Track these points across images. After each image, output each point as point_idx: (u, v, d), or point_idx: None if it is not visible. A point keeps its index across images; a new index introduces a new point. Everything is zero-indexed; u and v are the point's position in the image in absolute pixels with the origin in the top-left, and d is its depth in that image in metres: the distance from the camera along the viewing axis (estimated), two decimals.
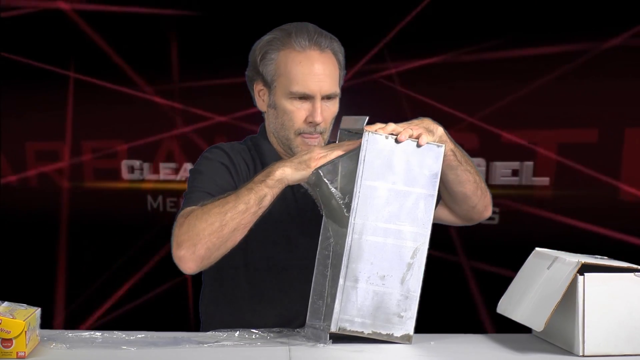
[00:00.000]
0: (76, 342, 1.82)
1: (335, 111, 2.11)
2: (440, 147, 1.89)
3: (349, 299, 1.84)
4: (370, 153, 1.85)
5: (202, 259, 1.91)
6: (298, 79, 2.06)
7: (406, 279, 1.86)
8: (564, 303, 1.76)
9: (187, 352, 1.79)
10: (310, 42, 2.06)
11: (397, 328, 1.86)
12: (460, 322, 3.68)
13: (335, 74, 2.09)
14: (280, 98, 2.09)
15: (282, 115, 2.10)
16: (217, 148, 2.16)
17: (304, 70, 2.05)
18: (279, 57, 2.08)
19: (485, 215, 2.18)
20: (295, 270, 2.10)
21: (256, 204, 1.91)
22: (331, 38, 2.10)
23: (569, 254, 1.91)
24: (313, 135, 2.08)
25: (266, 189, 1.91)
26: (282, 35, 2.09)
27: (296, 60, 2.06)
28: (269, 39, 2.10)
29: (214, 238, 1.90)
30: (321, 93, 2.06)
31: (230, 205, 1.90)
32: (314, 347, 1.83)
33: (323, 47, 2.07)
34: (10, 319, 1.67)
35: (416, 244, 1.86)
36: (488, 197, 2.16)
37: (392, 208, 1.85)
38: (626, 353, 1.76)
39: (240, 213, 1.90)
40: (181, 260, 1.91)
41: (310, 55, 2.06)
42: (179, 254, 1.91)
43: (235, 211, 1.90)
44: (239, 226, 1.91)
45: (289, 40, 2.07)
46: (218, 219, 1.90)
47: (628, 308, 1.77)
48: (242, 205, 1.90)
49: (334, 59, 2.09)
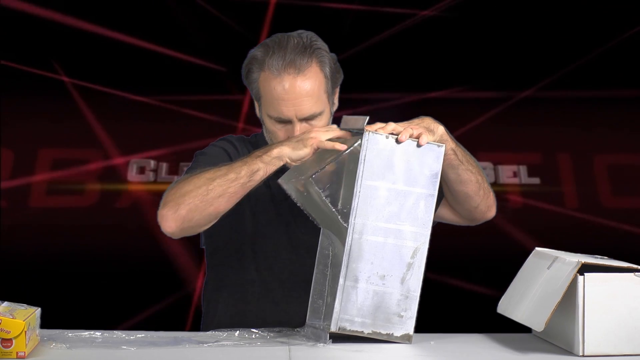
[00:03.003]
0: (76, 342, 1.82)
1: (323, 124, 2.06)
2: (440, 147, 1.89)
3: (349, 299, 1.84)
4: (371, 153, 1.85)
5: (183, 220, 1.93)
6: (274, 105, 2.04)
7: (406, 278, 1.86)
8: (564, 303, 1.76)
9: (187, 351, 1.78)
10: (284, 63, 2.01)
11: (397, 328, 1.86)
12: (460, 322, 3.67)
13: (317, 92, 2.04)
14: (264, 116, 2.09)
15: (267, 133, 2.12)
16: (224, 139, 2.18)
17: (278, 95, 2.03)
18: (260, 79, 2.06)
19: (489, 215, 2.16)
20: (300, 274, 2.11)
21: (247, 176, 1.92)
22: (314, 50, 2.05)
23: (569, 253, 1.91)
24: None
25: (261, 164, 1.92)
26: (261, 55, 2.05)
27: (271, 85, 2.03)
28: (251, 58, 2.08)
29: (197, 200, 1.92)
30: (298, 117, 2.03)
31: (221, 173, 1.94)
32: (314, 347, 1.83)
33: (300, 66, 2.02)
34: (10, 319, 1.67)
35: (416, 243, 1.86)
36: (492, 198, 2.14)
37: (393, 208, 1.85)
38: (626, 353, 1.76)
39: (228, 181, 1.93)
40: (163, 219, 1.95)
41: (284, 79, 2.02)
42: (162, 213, 1.95)
43: (224, 178, 1.93)
44: (225, 193, 1.92)
45: (265, 61, 2.04)
46: (205, 183, 1.93)
47: (628, 308, 1.76)
48: (232, 174, 1.93)
49: (316, 74, 2.04)
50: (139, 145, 4.13)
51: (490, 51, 4.03)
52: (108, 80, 4.09)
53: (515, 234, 3.92)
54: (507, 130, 4.06)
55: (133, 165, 4.16)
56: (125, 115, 4.10)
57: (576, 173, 4.05)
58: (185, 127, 4.08)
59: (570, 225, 4.00)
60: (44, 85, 4.09)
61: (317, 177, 1.87)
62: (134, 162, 4.15)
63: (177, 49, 4.08)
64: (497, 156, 4.08)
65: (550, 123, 4.06)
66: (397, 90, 4.04)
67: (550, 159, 4.07)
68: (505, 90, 4.06)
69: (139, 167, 4.16)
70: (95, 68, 4.10)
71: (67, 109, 4.09)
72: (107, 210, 4.15)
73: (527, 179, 4.04)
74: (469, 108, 4.04)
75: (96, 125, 4.11)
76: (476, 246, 3.89)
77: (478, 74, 4.04)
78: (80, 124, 4.08)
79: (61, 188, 4.15)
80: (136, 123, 4.10)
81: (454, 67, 4.04)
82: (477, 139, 3.95)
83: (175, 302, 4.09)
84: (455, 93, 4.05)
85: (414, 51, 4.04)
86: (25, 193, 4.14)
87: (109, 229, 4.15)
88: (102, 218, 4.15)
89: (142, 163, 4.16)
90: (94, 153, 4.18)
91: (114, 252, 4.15)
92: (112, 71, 4.10)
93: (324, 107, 2.07)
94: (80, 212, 4.15)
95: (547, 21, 4.04)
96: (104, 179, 4.17)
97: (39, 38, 4.09)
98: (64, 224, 4.10)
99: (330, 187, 1.87)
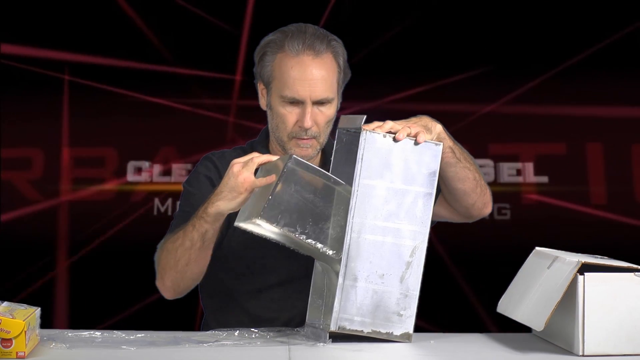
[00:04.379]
0: (76, 342, 1.82)
1: (330, 115, 2.10)
2: (438, 145, 1.89)
3: (348, 298, 1.84)
4: (368, 152, 1.85)
5: (172, 289, 2.06)
6: (289, 84, 2.06)
7: (405, 277, 1.86)
8: (564, 302, 1.76)
9: (187, 351, 1.78)
10: (304, 46, 2.06)
11: (396, 327, 1.86)
12: (460, 321, 3.68)
13: (330, 78, 2.08)
14: (274, 100, 2.10)
15: (276, 118, 2.11)
16: (206, 160, 2.18)
17: (295, 75, 2.05)
18: (275, 61, 2.08)
19: (485, 212, 2.17)
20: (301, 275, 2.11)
21: (200, 240, 1.97)
22: (330, 40, 2.09)
23: (569, 253, 1.91)
24: (304, 139, 2.08)
25: (206, 224, 1.96)
26: (279, 38, 2.09)
27: (289, 64, 2.06)
28: (268, 41, 2.11)
29: (173, 272, 2.03)
30: (312, 98, 2.05)
31: (179, 242, 1.99)
32: (314, 347, 1.83)
33: (318, 51, 2.06)
34: (10, 319, 1.67)
35: (415, 242, 1.86)
36: (488, 195, 2.16)
37: (391, 206, 1.85)
38: (626, 353, 1.76)
39: (187, 249, 1.99)
40: (159, 289, 2.09)
41: (302, 60, 2.06)
42: (156, 284, 2.09)
43: (183, 248, 1.99)
44: (190, 261, 2.00)
45: (284, 43, 2.07)
46: (172, 255, 2.01)
47: (628, 308, 1.76)
48: (187, 242, 1.98)
49: (331, 62, 2.09)
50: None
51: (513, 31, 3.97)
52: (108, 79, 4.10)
53: (517, 233, 3.92)
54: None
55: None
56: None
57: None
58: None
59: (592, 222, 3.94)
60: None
61: (264, 215, 1.82)
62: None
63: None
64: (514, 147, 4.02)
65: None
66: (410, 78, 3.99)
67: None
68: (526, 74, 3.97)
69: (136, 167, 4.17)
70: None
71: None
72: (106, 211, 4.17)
73: (533, 177, 4.00)
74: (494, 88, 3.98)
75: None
76: (476, 246, 3.89)
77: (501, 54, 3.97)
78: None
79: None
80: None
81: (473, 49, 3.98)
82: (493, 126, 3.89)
83: (176, 302, 4.09)
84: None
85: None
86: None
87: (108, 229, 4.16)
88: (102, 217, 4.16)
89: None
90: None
91: (114, 252, 4.16)
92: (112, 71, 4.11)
93: (335, 96, 2.10)
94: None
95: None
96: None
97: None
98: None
99: (282, 216, 1.83)
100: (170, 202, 4.17)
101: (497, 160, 4.02)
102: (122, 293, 4.03)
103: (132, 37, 4.08)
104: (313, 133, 2.08)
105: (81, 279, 4.13)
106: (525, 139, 4.04)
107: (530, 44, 3.99)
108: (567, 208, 3.97)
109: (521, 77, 4.02)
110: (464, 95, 3.99)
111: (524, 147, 4.04)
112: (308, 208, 1.85)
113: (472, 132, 3.91)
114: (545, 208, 3.98)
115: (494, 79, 4.00)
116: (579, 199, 3.97)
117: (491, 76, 4.00)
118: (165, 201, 4.18)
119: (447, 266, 3.88)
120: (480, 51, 4.00)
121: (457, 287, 3.89)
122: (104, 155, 4.18)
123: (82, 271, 4.15)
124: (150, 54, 4.09)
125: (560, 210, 3.97)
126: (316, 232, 1.85)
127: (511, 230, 3.91)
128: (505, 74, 4.00)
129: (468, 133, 3.79)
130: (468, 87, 4.00)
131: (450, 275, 3.85)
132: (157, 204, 4.17)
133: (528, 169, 4.01)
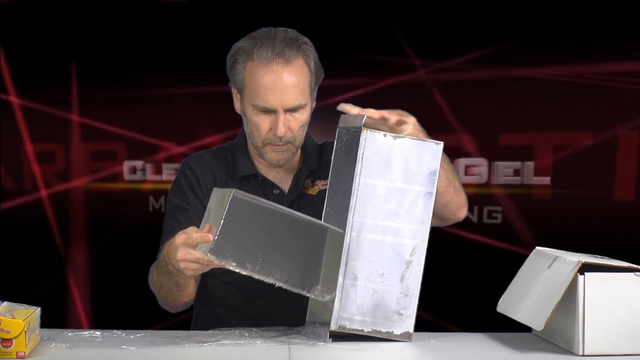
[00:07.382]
0: (76, 342, 1.82)
1: (304, 119, 2.09)
2: (438, 145, 1.89)
3: (348, 297, 1.84)
4: (369, 151, 1.85)
5: (170, 309, 2.17)
6: (260, 93, 2.04)
7: (405, 276, 1.86)
8: (564, 302, 1.76)
9: (187, 351, 1.79)
10: (274, 54, 2.03)
11: (396, 326, 1.87)
12: (460, 321, 3.68)
13: (302, 84, 2.06)
14: (247, 108, 2.09)
15: (250, 125, 2.10)
16: (185, 166, 2.19)
17: (266, 84, 2.03)
18: (245, 69, 2.07)
19: (459, 215, 2.13)
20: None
21: (175, 286, 2.06)
22: (300, 44, 2.07)
23: (569, 253, 1.91)
24: (279, 145, 2.08)
25: (174, 277, 2.03)
26: (249, 46, 2.07)
27: (259, 73, 2.04)
28: (238, 49, 2.09)
29: (162, 300, 2.14)
30: (283, 107, 2.04)
31: (162, 280, 2.07)
32: (314, 346, 1.83)
33: (288, 58, 2.04)
34: (10, 319, 1.67)
35: (415, 241, 1.86)
36: (462, 197, 2.11)
37: (391, 206, 1.85)
38: (626, 353, 1.76)
39: (168, 291, 2.09)
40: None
41: (272, 68, 2.03)
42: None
43: (164, 289, 2.09)
44: (175, 298, 2.11)
45: (253, 52, 2.05)
46: (158, 290, 2.12)
47: (628, 308, 1.76)
48: (166, 286, 2.07)
49: (302, 67, 2.06)
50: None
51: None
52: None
53: (517, 232, 3.92)
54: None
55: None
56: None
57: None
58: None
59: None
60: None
61: (213, 254, 1.73)
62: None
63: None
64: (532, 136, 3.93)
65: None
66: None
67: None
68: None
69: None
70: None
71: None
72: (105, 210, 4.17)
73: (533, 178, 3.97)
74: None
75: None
76: (477, 245, 3.89)
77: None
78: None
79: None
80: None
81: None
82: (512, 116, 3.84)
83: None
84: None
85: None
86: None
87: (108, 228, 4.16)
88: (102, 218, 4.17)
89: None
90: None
91: (114, 250, 4.16)
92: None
93: (307, 101, 2.09)
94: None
95: None
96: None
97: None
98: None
99: (231, 254, 1.73)
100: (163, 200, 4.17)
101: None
102: (122, 293, 4.04)
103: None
104: (287, 138, 2.07)
105: (100, 271, 4.14)
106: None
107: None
108: (573, 207, 3.94)
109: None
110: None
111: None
112: (258, 242, 1.75)
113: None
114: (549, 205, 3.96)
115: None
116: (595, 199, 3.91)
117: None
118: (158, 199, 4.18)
119: (447, 266, 3.88)
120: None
121: (457, 287, 3.89)
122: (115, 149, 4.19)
123: (101, 265, 4.16)
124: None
125: (564, 209, 3.95)
126: (268, 267, 1.76)
127: (512, 230, 3.90)
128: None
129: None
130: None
131: (450, 275, 3.85)
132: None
133: (528, 168, 4.00)
